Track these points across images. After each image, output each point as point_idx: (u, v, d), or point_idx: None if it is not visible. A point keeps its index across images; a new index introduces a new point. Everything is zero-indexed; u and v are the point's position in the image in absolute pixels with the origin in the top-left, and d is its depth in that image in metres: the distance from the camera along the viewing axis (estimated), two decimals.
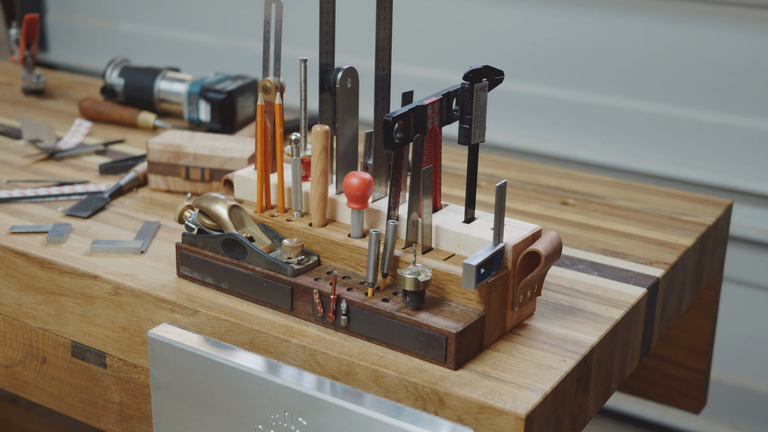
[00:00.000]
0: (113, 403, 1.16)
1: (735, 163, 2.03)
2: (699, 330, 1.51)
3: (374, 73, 1.06)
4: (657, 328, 1.21)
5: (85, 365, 1.17)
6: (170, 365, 1.00)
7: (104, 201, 1.34)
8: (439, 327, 0.93)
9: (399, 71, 1.54)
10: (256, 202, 1.13)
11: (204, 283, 1.10)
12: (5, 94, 1.92)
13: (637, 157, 2.14)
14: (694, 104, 2.05)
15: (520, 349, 0.98)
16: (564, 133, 2.22)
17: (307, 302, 1.02)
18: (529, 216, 1.36)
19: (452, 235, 1.02)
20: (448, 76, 2.09)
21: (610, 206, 1.42)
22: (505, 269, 0.98)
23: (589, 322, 1.04)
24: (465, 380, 0.92)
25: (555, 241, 1.00)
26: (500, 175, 1.53)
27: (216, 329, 1.04)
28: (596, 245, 1.27)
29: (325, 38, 1.07)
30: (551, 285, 1.13)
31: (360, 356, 0.96)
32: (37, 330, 1.20)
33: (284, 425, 0.93)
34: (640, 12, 2.07)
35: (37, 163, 1.51)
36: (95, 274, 1.13)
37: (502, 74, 1.01)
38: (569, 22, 2.15)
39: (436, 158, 1.04)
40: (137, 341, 1.11)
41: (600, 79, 2.14)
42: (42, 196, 1.36)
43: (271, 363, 0.95)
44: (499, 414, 0.88)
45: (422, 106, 0.99)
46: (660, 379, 1.56)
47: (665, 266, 1.20)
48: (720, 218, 1.40)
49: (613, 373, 1.08)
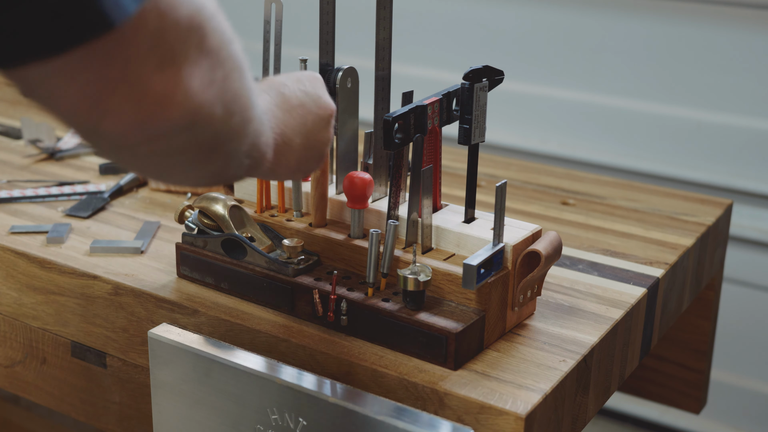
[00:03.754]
0: (113, 403, 1.16)
1: (735, 163, 2.03)
2: (699, 330, 1.51)
3: (374, 73, 1.06)
4: (657, 328, 1.21)
5: (85, 365, 1.17)
6: (170, 365, 1.00)
7: (104, 201, 1.34)
8: (439, 327, 0.93)
9: (399, 71, 1.54)
10: (256, 202, 1.13)
11: (204, 283, 1.10)
12: (5, 94, 1.92)
13: (637, 157, 2.14)
14: (694, 104, 2.05)
15: (520, 349, 0.98)
16: (564, 133, 2.22)
17: (307, 302, 1.02)
18: (529, 216, 1.36)
19: (452, 235, 1.02)
20: (448, 76, 2.08)
21: (610, 206, 1.42)
22: (505, 269, 0.98)
23: (589, 322, 1.04)
24: (465, 380, 0.92)
25: (555, 241, 1.00)
26: (500, 175, 1.53)
27: (216, 329, 1.04)
28: (596, 245, 1.27)
29: (325, 38, 1.07)
30: (551, 285, 1.13)
31: (360, 356, 0.96)
32: (37, 330, 1.20)
33: (284, 425, 0.93)
34: (640, 12, 2.07)
35: (37, 163, 1.51)
36: (95, 274, 1.13)
37: (502, 74, 1.01)
38: (569, 22, 2.15)
39: (436, 158, 1.04)
40: (137, 341, 1.11)
41: (600, 79, 2.14)
42: (42, 196, 1.36)
43: (271, 363, 0.95)
44: (499, 414, 0.88)
45: (422, 106, 0.99)
46: (660, 379, 1.56)
47: (665, 266, 1.20)
48: (720, 218, 1.40)
49: (613, 373, 1.08)
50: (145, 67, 0.59)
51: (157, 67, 0.59)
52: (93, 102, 0.59)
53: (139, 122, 0.60)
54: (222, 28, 0.64)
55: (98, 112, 0.59)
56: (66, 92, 0.58)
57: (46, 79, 0.58)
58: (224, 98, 0.65)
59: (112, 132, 0.60)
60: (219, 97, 0.64)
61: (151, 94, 0.60)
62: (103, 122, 0.60)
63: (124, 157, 0.66)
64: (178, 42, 0.60)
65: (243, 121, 0.70)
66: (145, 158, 0.65)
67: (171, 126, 0.62)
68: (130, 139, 0.61)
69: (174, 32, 0.59)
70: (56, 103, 0.60)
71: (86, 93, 0.58)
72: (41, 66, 0.56)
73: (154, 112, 0.60)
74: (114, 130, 0.60)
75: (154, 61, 0.59)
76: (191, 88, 0.61)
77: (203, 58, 0.62)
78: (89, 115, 0.60)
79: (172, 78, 0.60)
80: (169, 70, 0.60)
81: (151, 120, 0.60)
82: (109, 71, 0.58)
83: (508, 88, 2.08)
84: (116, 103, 0.59)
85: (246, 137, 0.72)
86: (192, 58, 0.61)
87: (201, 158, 0.68)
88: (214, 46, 0.63)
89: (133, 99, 0.59)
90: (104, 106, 0.59)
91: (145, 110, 0.60)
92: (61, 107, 0.60)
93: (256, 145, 0.75)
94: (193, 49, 0.61)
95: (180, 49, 0.60)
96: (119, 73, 0.58)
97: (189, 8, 0.60)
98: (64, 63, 0.56)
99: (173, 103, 0.61)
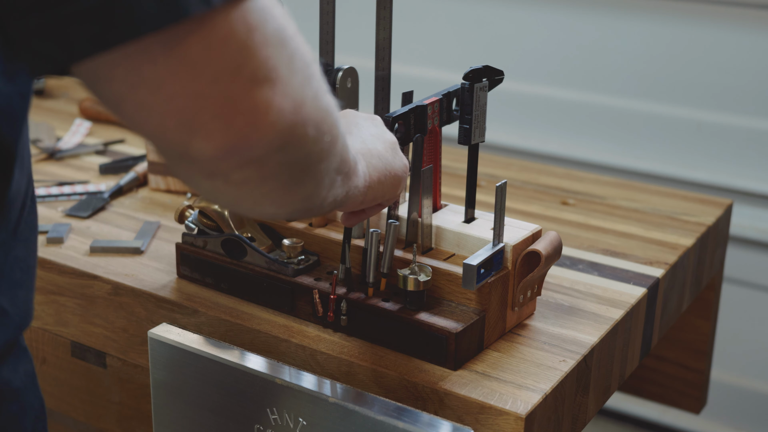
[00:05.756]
0: (113, 403, 1.16)
1: (735, 163, 2.03)
2: (699, 330, 1.51)
3: (374, 73, 1.06)
4: (657, 328, 1.21)
5: (85, 365, 1.17)
6: (170, 365, 1.00)
7: (104, 201, 1.34)
8: (439, 327, 0.93)
9: (399, 71, 1.54)
10: None
11: (204, 283, 1.10)
12: None
13: (637, 157, 2.14)
14: (694, 104, 2.05)
15: (520, 349, 0.98)
16: (564, 133, 2.22)
17: (307, 302, 1.02)
18: (529, 216, 1.36)
19: (452, 235, 1.02)
20: (448, 76, 2.08)
21: (610, 206, 1.42)
22: (505, 269, 0.98)
23: (589, 322, 1.04)
24: (465, 380, 0.92)
25: (555, 241, 1.00)
26: (500, 175, 1.53)
27: (216, 329, 1.04)
28: (596, 245, 1.27)
29: (325, 38, 1.07)
30: (551, 285, 1.13)
31: (360, 356, 0.96)
32: (37, 330, 1.20)
33: (284, 425, 0.93)
34: (640, 12, 2.07)
35: (37, 163, 1.51)
36: (95, 274, 1.13)
37: (502, 74, 1.01)
38: (569, 22, 2.15)
39: (436, 158, 1.04)
40: (137, 341, 1.11)
41: (600, 79, 2.14)
42: (42, 196, 1.36)
43: (271, 363, 0.95)
44: (499, 414, 0.88)
45: (422, 105, 0.99)
46: (660, 379, 1.56)
47: (665, 266, 1.20)
48: (720, 218, 1.40)
49: (613, 373, 1.08)
50: (235, 83, 0.56)
51: (249, 84, 0.56)
52: (182, 119, 0.56)
53: (232, 143, 0.57)
54: (304, 47, 0.62)
55: (187, 130, 0.56)
56: (152, 106, 0.56)
57: (132, 90, 0.55)
58: (315, 117, 0.62)
59: (203, 154, 0.57)
60: (310, 117, 0.61)
61: (243, 112, 0.56)
62: (192, 142, 0.57)
63: (218, 186, 0.62)
64: (269, 58, 0.57)
65: (332, 139, 0.67)
66: (239, 186, 0.61)
67: (265, 148, 0.58)
68: (222, 164, 0.58)
69: (264, 48, 0.57)
70: (144, 120, 0.57)
71: (174, 108, 0.55)
72: (126, 62, 0.54)
73: (248, 133, 0.57)
74: (205, 152, 0.57)
75: (245, 77, 0.56)
76: (284, 108, 0.58)
77: (293, 77, 0.59)
78: (178, 134, 0.57)
79: (265, 96, 0.57)
80: (261, 87, 0.57)
81: (244, 141, 0.57)
82: (197, 84, 0.55)
83: (508, 88, 2.08)
84: (206, 120, 0.56)
85: (335, 156, 0.69)
86: (283, 76, 0.58)
87: (294, 181, 0.65)
88: (302, 65, 0.60)
89: (224, 117, 0.56)
90: (194, 124, 0.56)
91: (237, 130, 0.57)
92: (148, 125, 0.57)
93: (345, 160, 0.72)
94: (284, 66, 0.58)
95: (272, 65, 0.57)
96: (208, 87, 0.55)
97: (276, 24, 0.58)
98: (145, 60, 0.54)
99: (267, 122, 0.57)
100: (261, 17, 0.57)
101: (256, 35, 0.56)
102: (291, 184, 0.65)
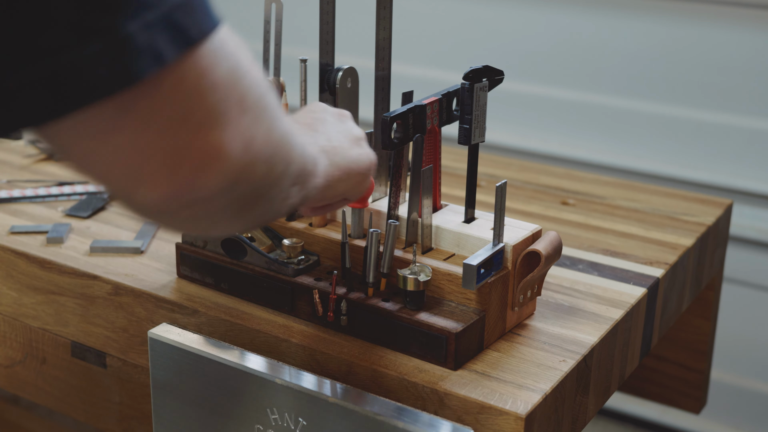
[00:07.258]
0: (113, 403, 1.16)
1: (735, 163, 2.03)
2: (699, 330, 1.51)
3: (374, 73, 1.06)
4: (657, 328, 1.21)
5: (85, 365, 1.17)
6: (170, 365, 1.00)
7: (104, 201, 1.34)
8: (439, 327, 0.93)
9: (399, 71, 1.54)
10: None
11: (204, 283, 1.10)
12: None
13: (637, 157, 2.14)
14: (694, 104, 2.05)
15: (520, 349, 0.98)
16: (564, 133, 2.22)
17: (307, 302, 1.02)
18: (529, 216, 1.36)
19: (452, 235, 1.02)
20: (448, 76, 2.08)
21: (610, 206, 1.42)
22: (505, 269, 0.98)
23: (589, 322, 1.04)
24: (465, 380, 0.92)
25: (555, 241, 1.00)
26: (500, 175, 1.53)
27: (216, 329, 1.04)
28: (596, 245, 1.27)
29: (325, 38, 1.07)
30: (551, 285, 1.13)
31: (360, 356, 0.96)
32: (37, 330, 1.20)
33: (284, 425, 0.93)
34: (640, 12, 2.07)
35: (37, 163, 1.51)
36: (95, 274, 1.13)
37: (502, 74, 1.01)
38: (569, 22, 2.15)
39: (436, 158, 1.04)
40: (137, 341, 1.11)
41: (600, 79, 2.14)
42: (42, 196, 1.36)
43: (271, 363, 0.95)
44: (499, 414, 0.88)
45: (421, 105, 0.99)
46: (660, 379, 1.56)
47: (665, 266, 1.20)
48: (720, 218, 1.40)
49: (613, 373, 1.08)
50: (183, 131, 0.54)
51: (197, 130, 0.55)
52: (127, 169, 0.55)
53: (178, 190, 0.56)
54: (258, 80, 0.60)
55: (133, 180, 0.55)
56: (98, 156, 0.55)
57: (79, 141, 0.54)
58: (266, 152, 0.61)
59: (147, 201, 0.57)
60: (261, 153, 0.60)
61: (190, 159, 0.55)
62: (138, 191, 0.56)
63: (163, 221, 0.62)
64: (218, 102, 0.56)
65: (286, 166, 0.65)
66: (187, 220, 0.61)
67: (212, 190, 0.58)
68: (168, 207, 0.57)
69: (214, 92, 0.55)
70: (89, 167, 0.56)
71: (120, 158, 0.54)
72: (74, 123, 0.52)
73: (194, 179, 0.56)
74: (150, 199, 0.56)
75: (193, 123, 0.55)
76: (233, 150, 0.57)
77: (243, 116, 0.57)
78: (123, 183, 0.56)
79: (213, 140, 0.56)
80: (209, 132, 0.55)
81: (190, 187, 0.56)
82: (144, 134, 0.54)
83: (508, 88, 2.08)
84: (153, 170, 0.55)
85: (289, 176, 0.67)
86: (233, 117, 0.57)
87: (246, 209, 0.64)
88: (253, 102, 0.59)
89: (171, 166, 0.55)
90: (140, 175, 0.55)
91: (183, 177, 0.56)
92: (93, 172, 0.56)
93: (302, 170, 0.71)
94: (234, 107, 0.57)
95: (221, 110, 0.56)
96: (156, 139, 0.54)
97: (228, 65, 0.56)
98: (93, 121, 0.53)
99: (214, 167, 0.56)
100: (212, 60, 0.55)
101: (206, 80, 0.55)
102: (243, 212, 0.64)
